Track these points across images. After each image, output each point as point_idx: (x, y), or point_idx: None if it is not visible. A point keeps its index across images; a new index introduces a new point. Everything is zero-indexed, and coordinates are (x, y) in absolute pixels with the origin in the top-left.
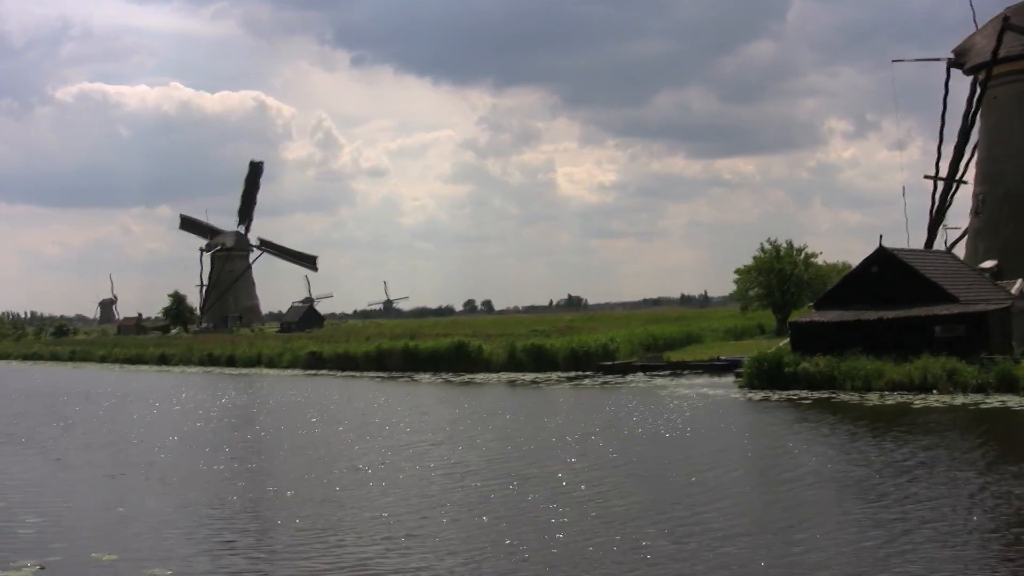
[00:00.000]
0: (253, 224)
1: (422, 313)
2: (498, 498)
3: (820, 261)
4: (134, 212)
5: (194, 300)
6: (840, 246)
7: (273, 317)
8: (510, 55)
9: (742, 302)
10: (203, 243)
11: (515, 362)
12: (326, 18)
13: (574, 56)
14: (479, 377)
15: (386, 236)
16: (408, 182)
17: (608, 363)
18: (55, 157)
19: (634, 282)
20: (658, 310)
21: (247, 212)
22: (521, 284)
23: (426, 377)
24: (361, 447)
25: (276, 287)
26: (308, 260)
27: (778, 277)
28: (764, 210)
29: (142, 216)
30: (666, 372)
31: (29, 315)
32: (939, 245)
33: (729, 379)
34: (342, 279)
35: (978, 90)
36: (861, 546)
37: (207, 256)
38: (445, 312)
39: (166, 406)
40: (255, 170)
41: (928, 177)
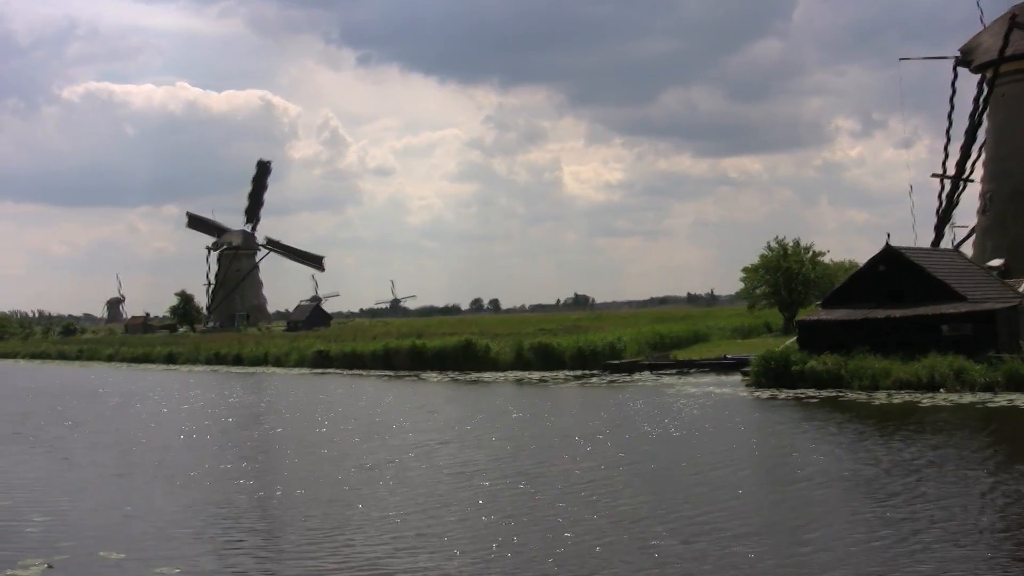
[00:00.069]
0: (260, 223)
1: (429, 312)
2: (506, 497)
3: (827, 260)
4: (141, 211)
5: (201, 299)
6: (847, 244)
7: (280, 316)
8: (516, 54)
9: (749, 301)
10: (210, 242)
11: (522, 361)
12: (332, 17)
13: (580, 55)
14: (486, 376)
15: (392, 235)
16: (414, 181)
17: (615, 362)
18: (62, 156)
19: (641, 281)
20: (665, 309)
21: (254, 211)
22: (528, 283)
23: (433, 376)
24: (369, 446)
25: (283, 286)
26: (315, 260)
27: (785, 276)
28: (771, 209)
29: (149, 215)
30: (673, 371)
31: (36, 314)
32: (946, 243)
33: (736, 378)
34: (349, 278)
35: (985, 88)
36: (871, 546)
37: (214, 255)
38: (452, 311)
39: (173, 405)
40: (263, 169)
41: (935, 175)
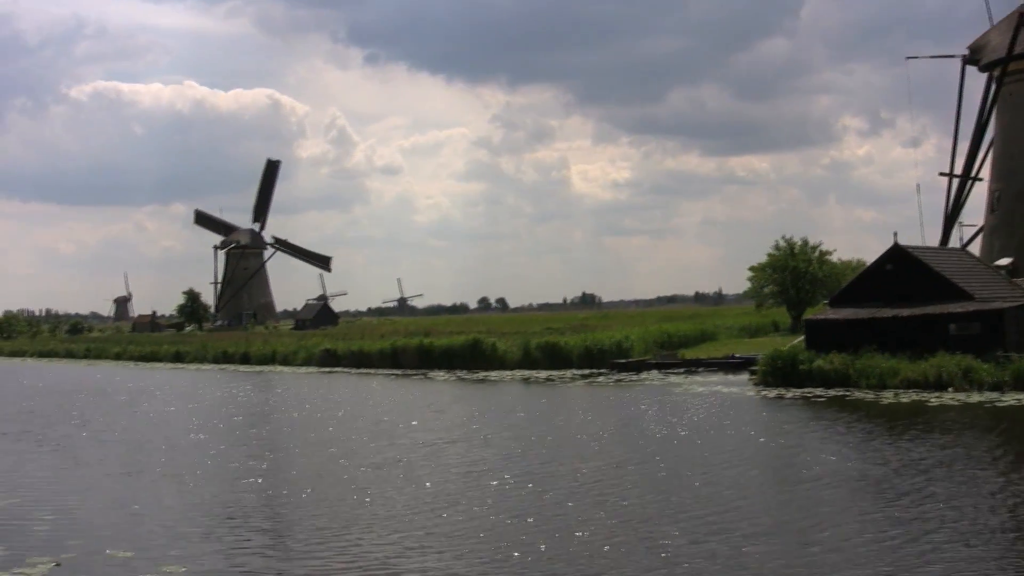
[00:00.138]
0: (268, 222)
1: (436, 311)
2: (515, 497)
3: (834, 258)
4: (148, 210)
5: (208, 297)
6: (854, 243)
7: (287, 315)
8: (523, 53)
9: (756, 299)
10: (217, 240)
11: (529, 360)
12: (339, 16)
13: (588, 53)
14: (493, 375)
15: (400, 234)
16: (422, 180)
17: (622, 361)
18: (69, 155)
19: (648, 280)
20: (672, 308)
21: (262, 210)
22: (535, 282)
23: (440, 374)
24: (376, 445)
25: (290, 285)
26: (322, 260)
27: (792, 275)
28: (778, 207)
29: (156, 214)
30: (680, 370)
31: (44, 313)
32: (954, 242)
33: (743, 377)
34: (356, 277)
35: (993, 87)
36: (881, 546)
37: (221, 254)
38: (459, 310)
39: (181, 403)
40: (272, 168)
41: (943, 174)
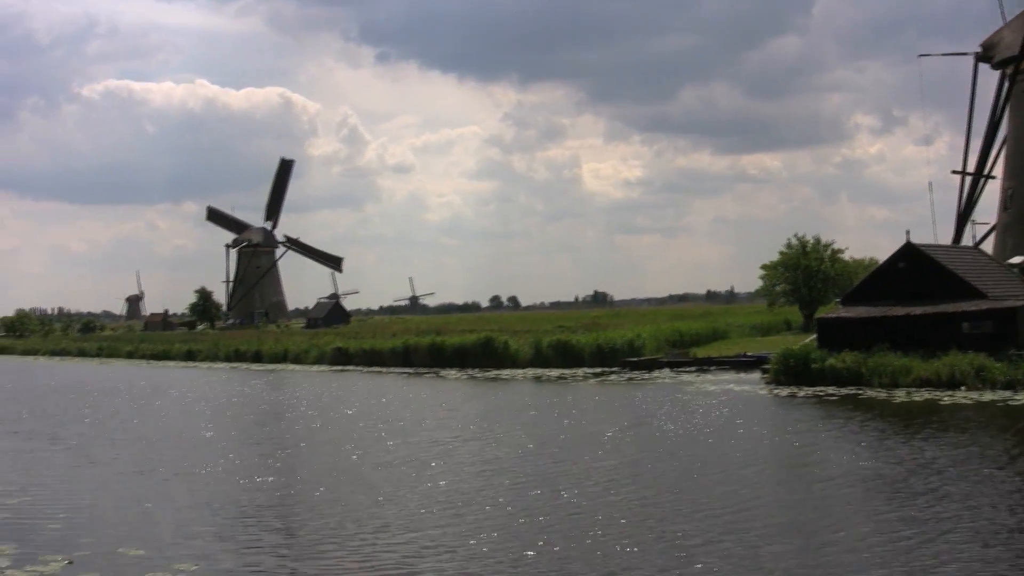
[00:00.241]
0: (280, 220)
1: (448, 309)
2: (529, 496)
3: (847, 257)
4: (160, 208)
5: (220, 296)
6: (867, 242)
7: (299, 313)
8: (535, 51)
9: (768, 298)
10: (229, 239)
11: (541, 358)
12: (351, 14)
13: (599, 52)
14: (505, 373)
15: (412, 232)
16: (433, 178)
17: (634, 359)
18: (82, 154)
19: (660, 278)
20: (684, 306)
21: (275, 209)
22: (547, 280)
23: (452, 373)
24: (389, 443)
25: (302, 283)
26: (333, 261)
27: (804, 273)
28: (790, 206)
29: (168, 212)
30: (692, 368)
31: (56, 311)
32: (967, 241)
33: (755, 375)
34: (368, 275)
35: (1006, 84)
36: (896, 546)
37: (233, 252)
38: (471, 308)
39: (193, 402)
40: (285, 167)
41: (956, 172)
